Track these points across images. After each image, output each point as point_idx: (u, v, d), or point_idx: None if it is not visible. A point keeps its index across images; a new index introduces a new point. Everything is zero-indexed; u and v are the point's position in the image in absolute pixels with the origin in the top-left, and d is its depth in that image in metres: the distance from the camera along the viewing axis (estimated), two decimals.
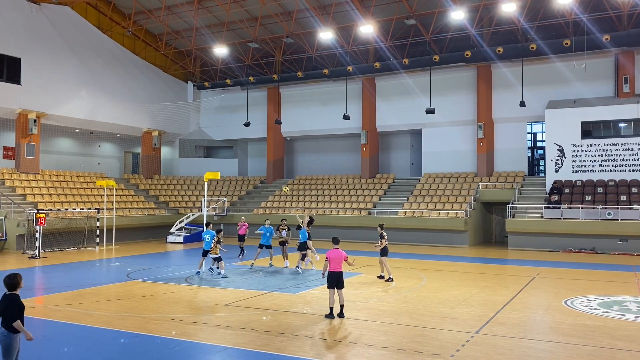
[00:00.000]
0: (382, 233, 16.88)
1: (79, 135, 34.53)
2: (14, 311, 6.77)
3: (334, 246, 11.98)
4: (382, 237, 16.78)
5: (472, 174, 32.42)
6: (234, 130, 39.21)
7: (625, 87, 28.22)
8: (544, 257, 23.15)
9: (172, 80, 38.86)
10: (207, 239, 17.67)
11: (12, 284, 6.96)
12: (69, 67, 31.38)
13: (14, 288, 6.96)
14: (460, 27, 29.52)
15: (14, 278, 6.97)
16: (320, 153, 39.39)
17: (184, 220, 31.87)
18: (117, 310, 12.45)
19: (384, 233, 16.91)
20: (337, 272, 11.70)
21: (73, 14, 32.00)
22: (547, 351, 9.20)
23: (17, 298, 6.90)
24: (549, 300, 13.84)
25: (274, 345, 9.52)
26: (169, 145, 40.56)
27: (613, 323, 11.33)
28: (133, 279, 17.00)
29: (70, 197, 30.04)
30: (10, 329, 6.77)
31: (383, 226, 17.38)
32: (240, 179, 40.23)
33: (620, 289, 15.48)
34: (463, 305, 13.03)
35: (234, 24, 33.62)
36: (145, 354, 9.16)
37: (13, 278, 6.97)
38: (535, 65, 30.48)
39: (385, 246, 16.79)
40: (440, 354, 9.01)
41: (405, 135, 36.33)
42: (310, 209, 33.15)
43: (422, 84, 32.97)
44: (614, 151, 27.97)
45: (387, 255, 16.93)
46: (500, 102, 31.64)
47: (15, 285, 6.97)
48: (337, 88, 36.00)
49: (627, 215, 25.18)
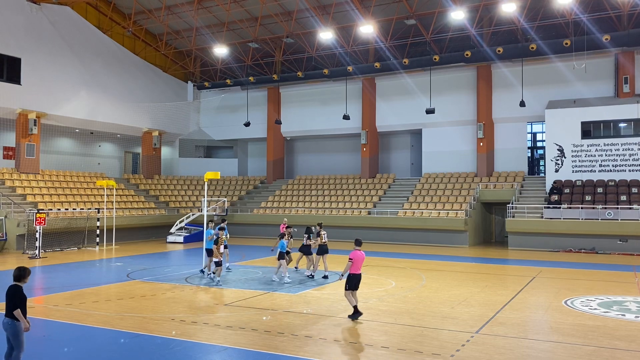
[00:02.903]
0: (319, 231, 17.27)
1: (79, 135, 34.54)
2: (15, 301, 7.30)
3: (355, 248, 11.88)
4: (319, 235, 17.16)
5: (472, 174, 32.42)
6: (234, 130, 39.22)
7: (625, 87, 28.21)
8: (544, 257, 23.14)
9: (172, 80, 38.86)
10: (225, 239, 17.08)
11: (18, 275, 7.50)
12: (69, 67, 31.38)
13: (18, 280, 7.48)
14: (460, 27, 29.52)
15: (23, 271, 7.53)
16: (320, 153, 39.39)
17: (184, 220, 31.88)
18: (117, 310, 12.45)
19: (322, 231, 17.29)
20: (358, 275, 11.54)
21: (73, 14, 32.01)
22: (547, 351, 9.20)
23: (20, 289, 7.41)
24: (549, 300, 13.84)
25: (274, 345, 9.53)
26: (169, 145, 40.57)
27: (613, 323, 11.33)
28: (133, 279, 17.00)
29: (71, 197, 30.04)
30: (13, 317, 7.29)
31: (322, 224, 18.01)
32: (241, 179, 40.23)
33: (620, 289, 15.48)
34: (463, 305, 13.03)
35: (234, 24, 33.62)
36: (146, 354, 9.16)
37: (22, 270, 7.53)
38: (535, 65, 30.49)
39: (322, 244, 17.05)
40: (440, 353, 9.01)
41: (405, 135, 36.34)
42: (310, 209, 33.17)
43: (422, 84, 32.97)
44: (614, 151, 27.97)
45: (328, 252, 17.31)
46: (500, 102, 31.64)
47: (20, 277, 7.49)
48: (337, 88, 36.00)
49: (627, 215, 25.18)
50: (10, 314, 7.27)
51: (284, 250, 16.47)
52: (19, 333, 7.30)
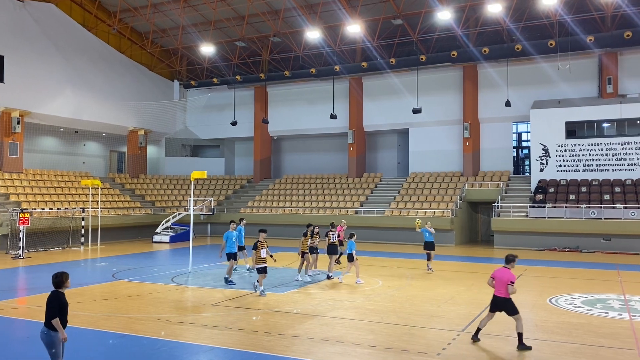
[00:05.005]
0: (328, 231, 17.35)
1: (64, 134, 34.14)
2: (54, 309, 6.91)
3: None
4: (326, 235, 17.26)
5: (458, 173, 32.62)
6: (221, 129, 39.06)
7: (609, 87, 28.58)
8: (529, 256, 23.37)
9: (158, 78, 38.57)
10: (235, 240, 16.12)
11: (57, 282, 7.11)
12: (53, 65, 31.00)
13: (58, 286, 7.10)
14: (447, 28, 29.67)
15: (60, 276, 7.14)
16: (307, 152, 39.37)
17: (170, 219, 31.67)
18: (102, 310, 12.34)
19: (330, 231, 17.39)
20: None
21: (57, 11, 31.63)
22: (532, 349, 9.29)
23: (60, 296, 7.03)
24: (533, 298, 13.97)
25: (261, 344, 9.50)
26: (155, 144, 40.27)
27: (597, 321, 11.48)
28: (119, 279, 16.86)
29: (55, 196, 29.70)
30: (50, 327, 6.91)
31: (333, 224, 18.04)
32: (227, 178, 40.08)
33: (604, 287, 15.68)
34: (449, 304, 13.11)
35: (221, 23, 33.47)
36: (131, 355, 9.09)
37: (60, 276, 7.14)
38: (520, 66, 30.75)
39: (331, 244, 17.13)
40: (426, 352, 9.06)
41: (392, 134, 36.45)
42: (297, 209, 33.14)
43: (409, 83, 33.10)
44: (597, 151, 28.32)
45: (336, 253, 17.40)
46: (486, 102, 31.88)
47: (60, 283, 7.10)
48: (324, 87, 36.00)
49: (610, 214, 25.52)
50: (49, 323, 6.89)
51: (350, 252, 16.02)
52: (53, 344, 6.90)
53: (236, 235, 16.38)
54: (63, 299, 7.02)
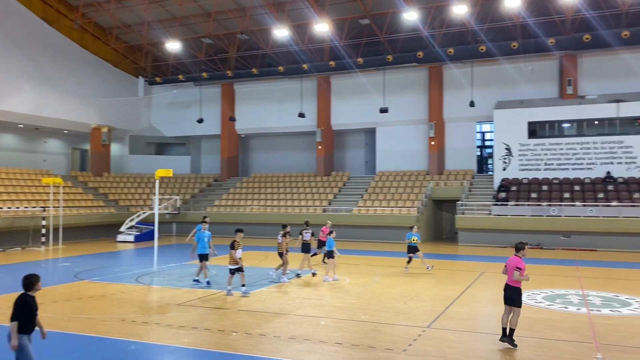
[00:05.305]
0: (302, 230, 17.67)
1: (23, 130, 33.13)
2: (17, 311, 6.68)
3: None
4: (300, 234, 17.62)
5: (424, 172, 33.06)
6: (187, 126, 38.57)
7: (569, 89, 29.43)
8: (492, 253, 23.86)
9: (122, 75, 37.80)
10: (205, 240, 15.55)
11: (26, 284, 6.86)
12: (11, 60, 30.01)
13: (28, 289, 6.86)
14: (413, 28, 30.02)
15: (30, 278, 6.89)
16: (275, 151, 39.25)
17: (135, 218, 31.12)
18: (65, 312, 12.04)
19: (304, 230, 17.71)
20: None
21: (16, 4, 30.63)
22: (495, 344, 9.50)
23: (29, 299, 6.77)
24: (497, 294, 14.24)
25: (227, 344, 9.44)
26: (119, 142, 39.47)
27: (557, 315, 11.82)
28: (81, 279, 16.48)
29: (14, 195, 28.80)
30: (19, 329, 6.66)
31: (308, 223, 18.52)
32: (194, 177, 39.61)
33: (564, 283, 16.15)
34: (415, 301, 13.29)
35: (187, 19, 33.02)
36: (95, 357, 8.90)
37: (29, 278, 6.89)
38: (484, 67, 31.35)
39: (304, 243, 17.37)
40: (392, 348, 9.16)
41: (360, 133, 36.67)
42: (265, 207, 33.01)
43: (376, 83, 33.35)
44: (558, 150, 29.12)
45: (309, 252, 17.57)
46: (451, 102, 32.39)
47: (30, 286, 6.84)
48: (293, 86, 35.94)
49: (570, 212, 26.29)
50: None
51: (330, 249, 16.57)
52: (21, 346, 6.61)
53: (209, 235, 15.89)
54: (30, 302, 6.78)
